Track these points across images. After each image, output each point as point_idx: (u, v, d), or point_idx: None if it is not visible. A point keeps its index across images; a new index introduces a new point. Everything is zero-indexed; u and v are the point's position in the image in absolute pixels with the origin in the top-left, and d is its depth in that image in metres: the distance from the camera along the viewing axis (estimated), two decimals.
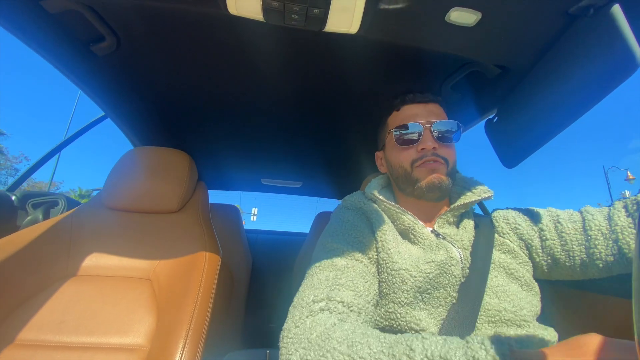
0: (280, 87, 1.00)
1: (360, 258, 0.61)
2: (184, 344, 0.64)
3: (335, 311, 0.49)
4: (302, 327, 0.46)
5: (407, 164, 0.68)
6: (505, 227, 0.69)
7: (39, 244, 0.83)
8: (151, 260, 0.86)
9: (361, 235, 0.65)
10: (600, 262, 0.57)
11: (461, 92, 0.96)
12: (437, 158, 0.66)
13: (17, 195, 1.16)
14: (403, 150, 0.70)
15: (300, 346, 0.43)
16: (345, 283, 0.54)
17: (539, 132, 0.75)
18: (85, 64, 0.85)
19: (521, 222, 0.68)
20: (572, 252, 0.61)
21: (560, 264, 0.63)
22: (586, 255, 0.59)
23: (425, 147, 0.66)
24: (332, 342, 0.41)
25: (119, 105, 1.08)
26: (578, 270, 0.61)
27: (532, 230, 0.66)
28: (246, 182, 1.97)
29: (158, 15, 0.72)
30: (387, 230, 0.64)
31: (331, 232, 0.68)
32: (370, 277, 0.59)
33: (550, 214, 0.67)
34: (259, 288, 1.80)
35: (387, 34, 0.69)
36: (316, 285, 0.54)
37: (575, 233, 0.61)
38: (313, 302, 0.50)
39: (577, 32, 0.63)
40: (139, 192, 0.95)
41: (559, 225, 0.63)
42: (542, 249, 0.65)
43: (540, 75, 0.73)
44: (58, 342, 0.70)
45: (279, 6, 0.56)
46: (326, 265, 0.58)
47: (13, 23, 0.68)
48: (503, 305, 0.57)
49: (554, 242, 0.63)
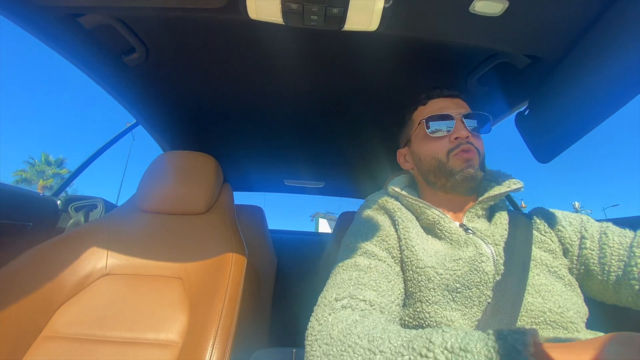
0: (301, 88, 1.00)
1: (384, 257, 0.60)
2: (213, 341, 0.66)
3: (358, 308, 0.49)
4: (325, 324, 0.46)
5: (442, 154, 0.67)
6: (546, 226, 0.65)
7: (80, 246, 0.89)
8: (181, 259, 0.89)
9: (384, 233, 0.64)
10: (636, 282, 0.52)
11: (488, 85, 0.91)
12: (471, 147, 0.65)
13: (61, 200, 1.25)
14: (436, 140, 0.68)
15: (323, 342, 0.44)
16: (367, 283, 0.54)
17: (575, 125, 0.71)
18: (118, 75, 0.90)
19: (566, 226, 0.63)
20: (609, 267, 0.56)
21: (593, 277, 0.58)
22: (622, 273, 0.54)
23: (460, 135, 0.65)
24: (353, 337, 0.41)
25: (149, 112, 1.14)
26: (611, 287, 0.56)
27: (574, 235, 0.62)
28: (269, 183, 2.01)
29: (183, 25, 0.75)
30: (410, 227, 0.63)
31: (354, 232, 0.68)
32: (394, 276, 0.58)
33: (600, 225, 0.62)
34: (285, 287, 1.83)
35: (408, 29, 0.67)
36: (339, 284, 0.54)
37: (618, 247, 0.56)
38: (335, 300, 0.50)
39: (615, 14, 0.58)
40: (169, 195, 1.00)
41: (604, 236, 0.58)
42: (578, 257, 0.60)
43: (574, 63, 0.68)
44: (100, 336, 0.74)
45: (298, 7, 0.57)
46: (349, 265, 0.58)
47: (54, 40, 0.73)
48: (548, 306, 0.53)
49: (592, 252, 0.58)
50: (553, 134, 0.77)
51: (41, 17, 0.67)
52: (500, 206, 0.69)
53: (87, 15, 0.69)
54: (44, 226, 1.17)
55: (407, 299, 0.58)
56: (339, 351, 0.41)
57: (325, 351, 0.42)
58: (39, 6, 0.64)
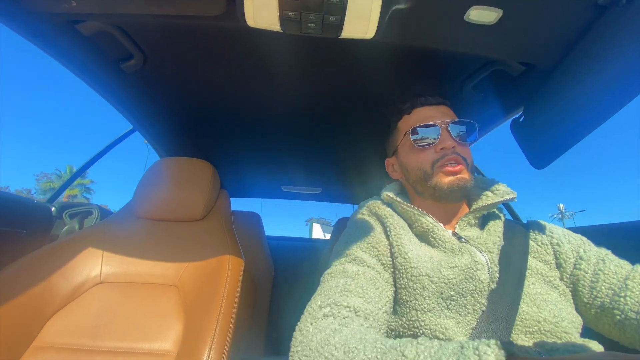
0: (298, 96, 1.01)
1: (373, 264, 0.59)
2: (209, 350, 0.65)
3: (340, 316, 0.48)
4: (306, 334, 0.46)
5: (428, 165, 0.66)
6: (544, 238, 0.65)
7: (75, 253, 0.88)
8: (177, 267, 0.88)
9: (374, 240, 0.63)
10: (618, 313, 0.52)
11: (484, 92, 0.93)
12: (458, 157, 0.64)
13: (55, 206, 1.24)
14: (421, 151, 0.68)
15: (303, 354, 0.43)
16: (354, 290, 0.53)
17: (570, 131, 0.71)
18: (115, 81, 0.90)
19: (564, 242, 0.63)
20: (597, 292, 0.56)
21: (578, 298, 0.58)
22: (609, 301, 0.54)
23: (445, 146, 0.65)
24: (330, 348, 0.41)
25: (146, 119, 1.14)
26: (592, 312, 0.56)
27: (571, 253, 0.62)
28: (267, 190, 2.00)
29: (181, 32, 0.75)
30: (403, 234, 0.62)
31: (345, 239, 0.67)
32: (382, 283, 0.57)
33: (599, 251, 0.62)
34: (282, 295, 1.81)
35: (404, 37, 0.68)
36: (326, 292, 0.54)
37: (612, 277, 0.56)
38: (319, 308, 0.50)
39: (608, 23, 0.59)
40: (165, 201, 0.99)
41: (601, 262, 0.59)
42: (569, 275, 0.60)
43: (568, 71, 0.70)
44: (93, 346, 0.73)
45: (296, 16, 0.57)
46: (337, 272, 0.58)
47: (52, 46, 0.73)
48: (542, 315, 0.53)
49: (585, 274, 0.58)
50: (548, 140, 0.77)
51: (39, 24, 0.67)
52: (495, 214, 0.68)
53: (86, 22, 0.69)
54: (37, 233, 1.15)
55: (401, 307, 0.57)
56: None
57: None
58: (37, 12, 0.64)
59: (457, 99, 0.94)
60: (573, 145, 0.72)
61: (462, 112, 0.97)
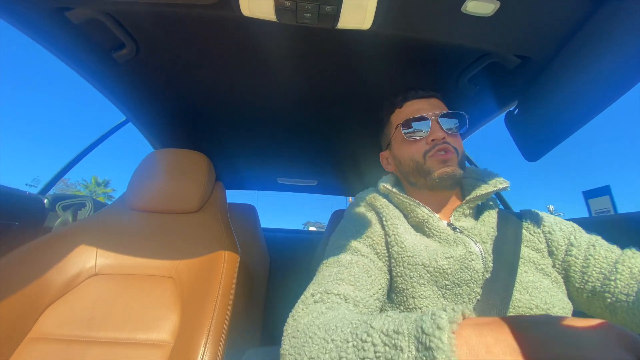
0: (294, 87, 1.00)
1: (367, 253, 0.61)
2: (206, 340, 0.66)
3: (329, 302, 0.50)
4: (297, 319, 0.48)
5: (419, 156, 0.68)
6: (536, 227, 0.66)
7: (68, 245, 0.88)
8: (173, 258, 0.88)
9: (369, 230, 0.65)
10: (609, 296, 0.54)
11: (480, 85, 0.93)
12: (448, 146, 0.66)
13: (48, 198, 1.22)
14: (413, 143, 0.70)
15: (292, 336, 0.45)
16: (346, 278, 0.55)
17: (563, 124, 0.72)
18: (107, 71, 0.88)
19: (556, 230, 0.65)
20: (589, 277, 0.57)
21: (570, 283, 0.60)
22: (600, 285, 0.56)
23: (436, 137, 0.67)
24: (314, 328, 0.43)
25: (140, 110, 1.12)
26: (584, 296, 0.58)
27: (562, 240, 0.63)
28: (263, 182, 2.00)
29: (174, 21, 0.74)
30: (398, 224, 0.64)
31: (340, 229, 0.69)
32: (375, 271, 0.59)
33: (589, 237, 0.63)
34: (278, 286, 1.82)
35: (400, 28, 0.68)
36: (319, 281, 0.56)
37: (602, 261, 0.57)
38: (311, 296, 0.52)
39: (603, 17, 0.59)
40: (160, 193, 0.98)
41: (592, 248, 0.60)
42: (561, 262, 0.62)
43: (563, 64, 0.70)
44: (89, 337, 0.73)
45: (292, 5, 0.57)
46: (331, 262, 0.59)
47: (40, 34, 0.71)
48: (535, 302, 0.55)
49: (576, 260, 0.60)
50: (541, 133, 0.78)
51: (27, 10, 0.65)
52: (489, 205, 0.70)
53: (75, 9, 0.68)
54: (30, 225, 1.14)
55: (398, 295, 0.58)
56: (302, 343, 0.42)
57: (293, 344, 0.44)
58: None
59: (453, 91, 0.95)
60: (565, 138, 0.73)
61: (458, 104, 0.98)
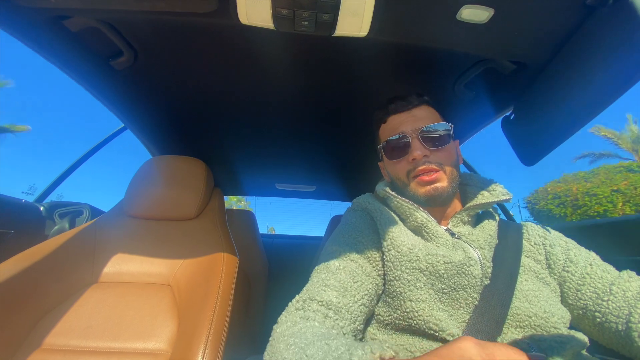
0: (292, 93, 1.01)
1: (356, 258, 0.61)
2: (204, 348, 0.65)
3: (309, 310, 0.51)
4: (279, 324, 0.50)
5: (403, 175, 0.68)
6: (537, 239, 0.67)
7: (65, 253, 0.87)
8: (171, 266, 0.88)
9: (361, 235, 0.65)
10: (599, 316, 0.55)
11: (475, 90, 0.94)
12: (430, 166, 0.64)
13: (44, 206, 1.21)
14: (396, 163, 0.69)
15: (270, 344, 0.48)
16: (332, 284, 0.55)
17: (559, 129, 0.73)
18: (105, 78, 0.89)
19: (556, 245, 0.66)
20: (582, 294, 0.59)
21: (563, 298, 0.61)
22: (592, 303, 0.57)
23: (415, 157, 0.65)
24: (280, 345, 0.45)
25: (138, 117, 1.12)
26: (574, 313, 0.59)
27: (561, 255, 0.64)
28: (261, 188, 2.00)
29: (172, 29, 0.74)
30: (396, 228, 0.63)
31: (334, 236, 0.69)
32: (363, 277, 0.58)
33: (588, 255, 0.64)
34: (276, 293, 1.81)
35: (397, 36, 0.68)
36: (307, 287, 0.56)
37: (598, 280, 0.59)
38: (295, 302, 0.53)
39: (596, 23, 0.60)
40: (158, 200, 0.98)
41: (589, 266, 0.61)
42: (557, 276, 0.63)
43: (558, 70, 0.71)
44: (85, 347, 0.72)
45: (289, 13, 0.57)
46: (321, 268, 0.60)
47: (38, 42, 0.71)
48: (533, 310, 0.55)
49: (572, 277, 0.61)
50: (537, 138, 0.79)
51: (25, 19, 0.65)
52: (489, 213, 0.69)
53: (73, 17, 0.68)
54: (26, 234, 1.13)
55: (394, 299, 0.58)
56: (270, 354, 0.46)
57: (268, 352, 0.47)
58: (22, 7, 0.62)
59: (449, 97, 0.95)
60: (561, 143, 0.73)
61: (455, 110, 0.99)
